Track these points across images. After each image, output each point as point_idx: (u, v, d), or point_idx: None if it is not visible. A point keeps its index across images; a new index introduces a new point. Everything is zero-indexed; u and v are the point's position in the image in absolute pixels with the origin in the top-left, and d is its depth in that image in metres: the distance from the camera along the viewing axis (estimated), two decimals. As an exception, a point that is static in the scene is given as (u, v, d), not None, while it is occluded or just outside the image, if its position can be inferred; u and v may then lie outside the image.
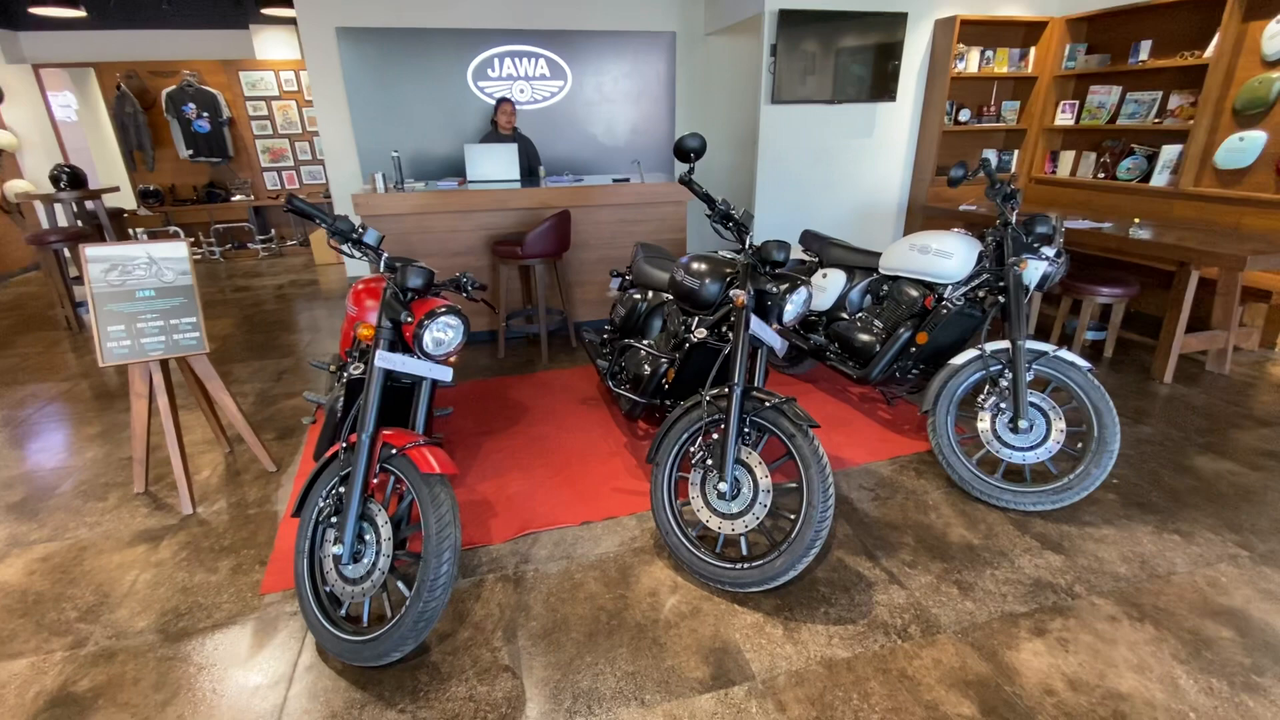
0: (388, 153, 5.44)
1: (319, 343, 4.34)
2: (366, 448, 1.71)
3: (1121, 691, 1.62)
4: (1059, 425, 2.33)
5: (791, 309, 2.04)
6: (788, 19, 4.69)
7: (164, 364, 2.36)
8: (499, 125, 4.82)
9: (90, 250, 2.22)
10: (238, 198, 6.94)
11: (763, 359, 2.19)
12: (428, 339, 1.78)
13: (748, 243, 2.07)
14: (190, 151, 6.60)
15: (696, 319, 2.27)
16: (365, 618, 1.75)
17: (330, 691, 1.64)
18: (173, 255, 2.33)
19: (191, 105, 6.39)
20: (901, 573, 2.05)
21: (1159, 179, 4.47)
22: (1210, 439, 2.85)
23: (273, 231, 7.23)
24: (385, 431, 1.76)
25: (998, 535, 2.23)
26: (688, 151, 1.90)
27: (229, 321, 4.90)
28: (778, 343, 2.13)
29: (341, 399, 2.10)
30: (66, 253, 4.76)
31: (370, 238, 1.79)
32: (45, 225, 6.36)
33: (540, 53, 5.48)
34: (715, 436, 2.02)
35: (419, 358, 1.83)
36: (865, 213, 5.65)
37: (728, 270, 2.31)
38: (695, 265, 2.32)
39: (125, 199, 6.90)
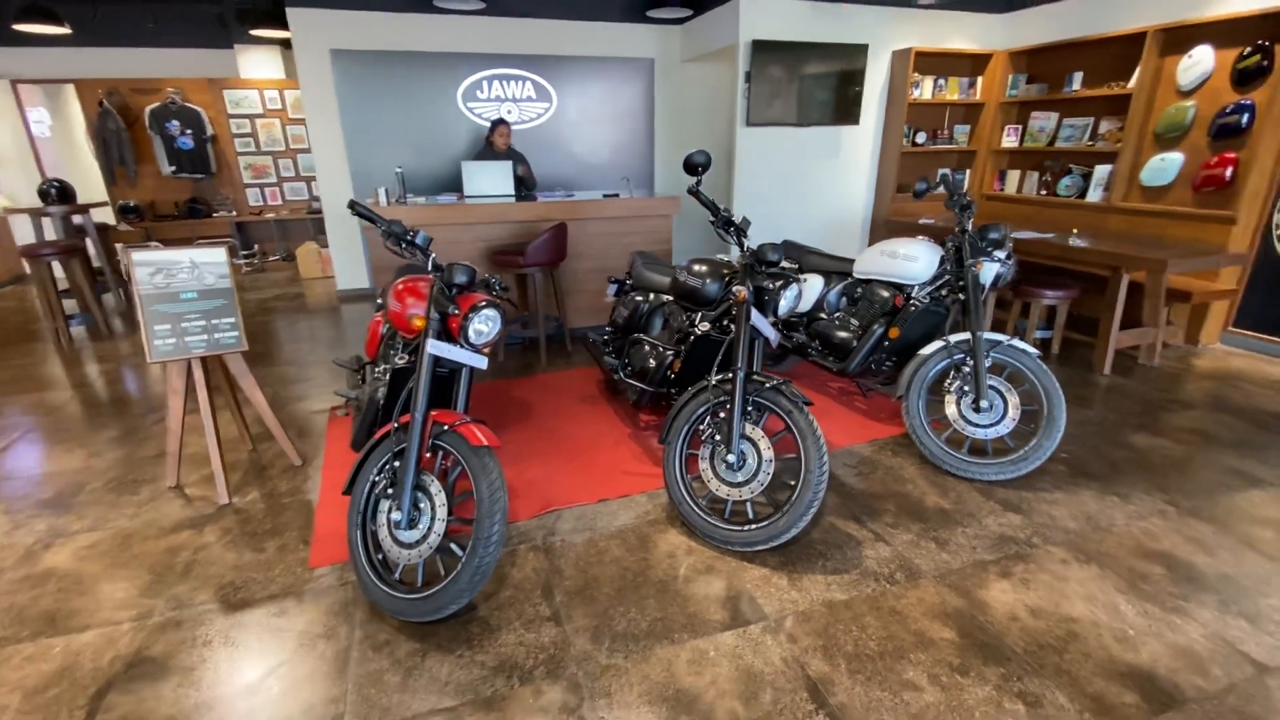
0: (380, 171, 5.62)
1: (316, 351, 4.47)
2: (420, 425, 1.91)
3: (1073, 616, 1.92)
4: (1014, 404, 2.67)
5: (786, 303, 2.33)
6: (760, 48, 5.09)
7: (204, 361, 2.51)
8: (494, 145, 5.06)
9: (137, 255, 2.38)
10: (220, 214, 6.99)
11: (759, 348, 2.47)
12: (471, 329, 2.01)
13: (745, 245, 2.36)
14: (173, 168, 6.64)
15: (700, 314, 2.54)
16: (420, 578, 1.95)
17: (391, 644, 1.83)
18: (213, 260, 2.50)
19: (175, 122, 6.46)
20: (886, 533, 2.33)
21: (1094, 195, 4.98)
22: (1142, 420, 3.24)
23: (255, 247, 7.28)
24: (432, 412, 1.97)
25: (966, 501, 2.54)
26: (695, 166, 2.19)
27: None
28: (773, 334, 2.42)
29: (382, 388, 2.30)
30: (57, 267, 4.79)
31: (420, 239, 2.01)
32: (26, 240, 6.30)
33: (527, 76, 5.77)
34: (723, 416, 2.28)
35: (463, 347, 2.04)
36: (834, 227, 6.06)
37: (725, 270, 2.60)
38: (697, 267, 2.61)
39: (105, 214, 6.87)
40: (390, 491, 1.94)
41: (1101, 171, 4.91)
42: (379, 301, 2.96)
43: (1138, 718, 1.58)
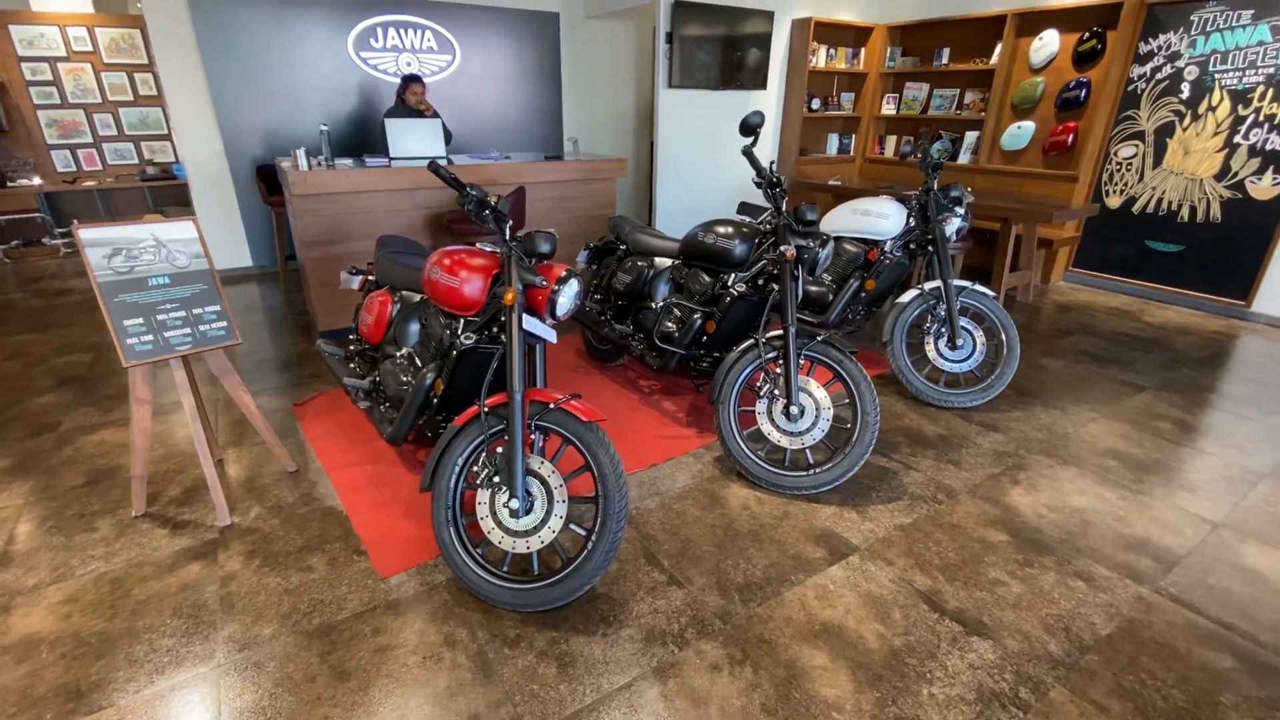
0: (256, 130, 4.83)
1: (224, 343, 3.83)
2: (520, 406, 1.79)
3: (1079, 507, 2.34)
4: (981, 340, 3.10)
5: (822, 261, 2.47)
6: (680, 9, 5.10)
7: (185, 361, 2.09)
8: (407, 104, 4.57)
9: (85, 232, 1.90)
10: (19, 182, 5.56)
11: (795, 303, 2.60)
12: (560, 301, 1.89)
13: (784, 205, 2.45)
14: (-55, 123, 5.12)
15: (734, 275, 2.60)
16: (535, 566, 1.85)
17: (524, 638, 1.73)
18: (182, 236, 2.07)
19: (-57, 63, 4.95)
20: (910, 462, 2.63)
21: (964, 158, 5.73)
22: (1043, 347, 3.91)
23: (75, 223, 5.91)
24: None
25: (955, 427, 2.92)
26: (753, 128, 2.22)
27: (64, 335, 4.06)
28: (800, 291, 2.56)
29: (430, 374, 2.08)
30: None
31: (503, 206, 1.84)
32: None
33: (426, 24, 5.24)
34: (776, 371, 2.39)
35: (544, 320, 1.92)
36: (743, 190, 6.34)
37: (746, 230, 2.68)
38: (722, 229, 2.65)
39: None
40: (496, 480, 1.81)
41: (971, 137, 5.66)
42: (370, 279, 2.63)
43: (1158, 575, 2.00)
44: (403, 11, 5.11)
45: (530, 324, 1.84)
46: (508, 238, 1.88)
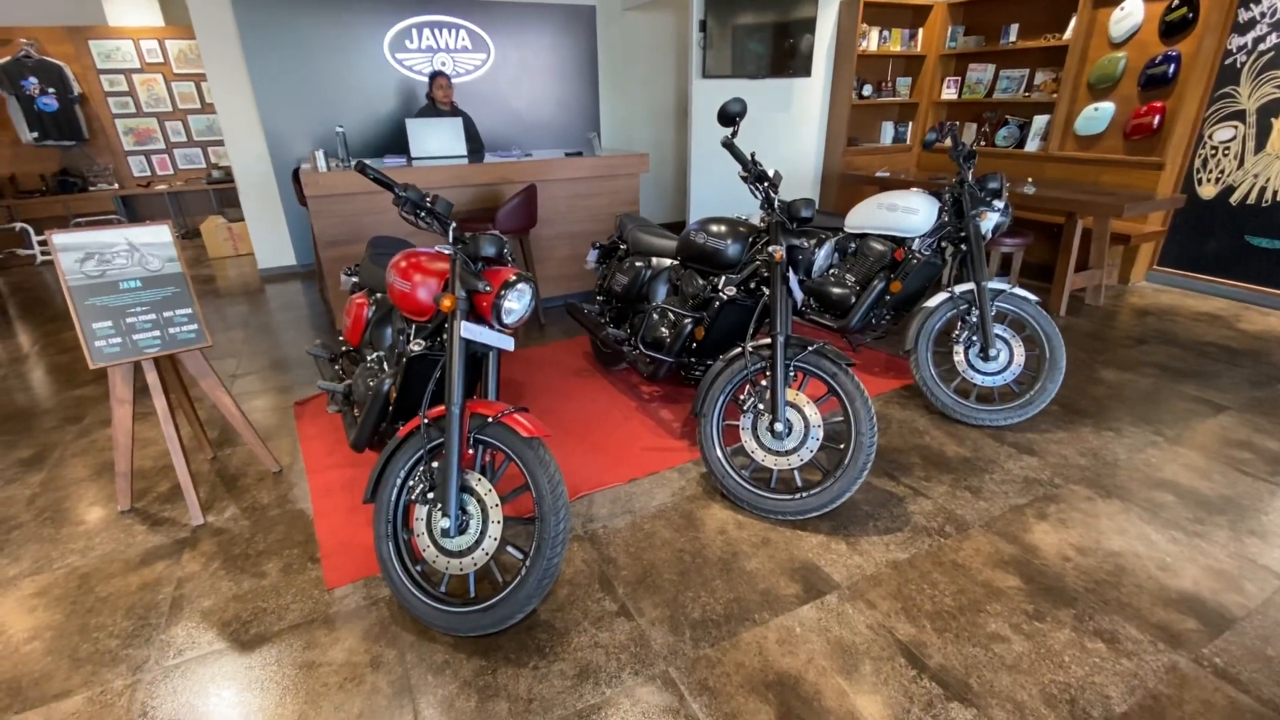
0: (298, 133, 5.00)
1: (254, 341, 3.98)
2: (458, 419, 1.69)
3: (1115, 550, 2.01)
4: (1019, 351, 2.75)
5: (820, 261, 2.24)
6: (714, -5, 4.87)
7: (157, 362, 2.12)
8: (436, 101, 4.60)
9: (59, 237, 1.95)
10: (100, 186, 6.04)
11: (788, 309, 2.38)
12: (505, 308, 1.78)
13: (775, 201, 2.23)
14: (35, 134, 5.62)
15: (724, 278, 2.41)
16: (472, 589, 1.75)
17: (451, 664, 1.64)
18: (156, 240, 2.10)
19: (33, 80, 5.43)
20: (922, 487, 2.35)
21: (1031, 145, 5.20)
22: (1107, 357, 3.46)
23: (47, 231, 6.36)
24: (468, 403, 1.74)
25: (982, 448, 2.60)
26: (732, 116, 2.02)
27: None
28: (799, 294, 2.33)
29: (388, 380, 2.02)
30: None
31: (441, 207, 1.75)
32: None
33: (460, 23, 5.26)
34: (763, 383, 2.19)
35: (493, 327, 1.82)
36: (785, 182, 6.03)
37: (744, 229, 2.47)
38: (715, 227, 2.46)
39: (-56, 192, 5.75)
40: (430, 496, 1.72)
41: (1040, 122, 5.12)
42: (354, 280, 2.62)
43: (1203, 640, 1.67)
44: (437, 11, 5.15)
45: (471, 331, 1.73)
46: (451, 240, 1.78)
